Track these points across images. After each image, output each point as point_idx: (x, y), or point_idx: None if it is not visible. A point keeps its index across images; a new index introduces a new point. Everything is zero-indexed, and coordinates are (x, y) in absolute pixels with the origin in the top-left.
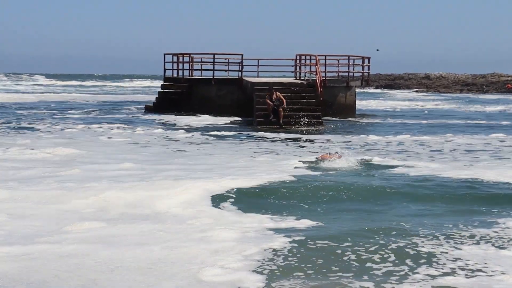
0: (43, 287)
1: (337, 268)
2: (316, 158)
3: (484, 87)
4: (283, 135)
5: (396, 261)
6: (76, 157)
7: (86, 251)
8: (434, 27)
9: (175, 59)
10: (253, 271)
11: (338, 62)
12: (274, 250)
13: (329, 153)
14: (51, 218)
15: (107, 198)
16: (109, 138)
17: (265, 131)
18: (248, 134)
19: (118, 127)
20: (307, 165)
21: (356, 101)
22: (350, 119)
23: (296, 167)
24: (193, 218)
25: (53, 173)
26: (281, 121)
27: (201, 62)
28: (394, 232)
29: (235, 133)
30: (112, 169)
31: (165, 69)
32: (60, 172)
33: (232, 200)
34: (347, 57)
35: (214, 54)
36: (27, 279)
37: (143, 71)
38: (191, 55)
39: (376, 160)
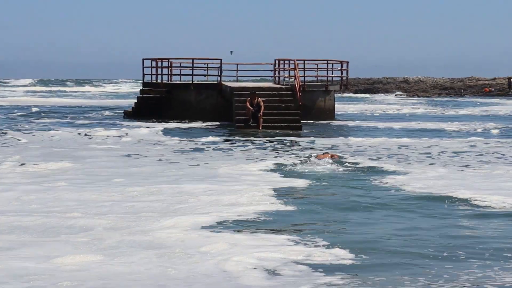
0: None
1: None
2: (311, 155)
3: (462, 90)
4: (263, 139)
5: None
6: (68, 170)
7: None
8: (413, 31)
9: (154, 64)
10: None
11: (317, 66)
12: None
13: (326, 153)
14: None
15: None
16: (97, 145)
17: (245, 135)
18: (228, 139)
19: (103, 136)
20: (303, 168)
21: (336, 105)
22: (329, 122)
23: (291, 172)
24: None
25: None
26: (260, 127)
27: (180, 67)
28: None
29: (218, 138)
30: (105, 190)
31: (143, 74)
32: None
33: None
34: (325, 62)
35: (193, 59)
36: None
37: (125, 75)
38: (170, 60)
39: (369, 163)
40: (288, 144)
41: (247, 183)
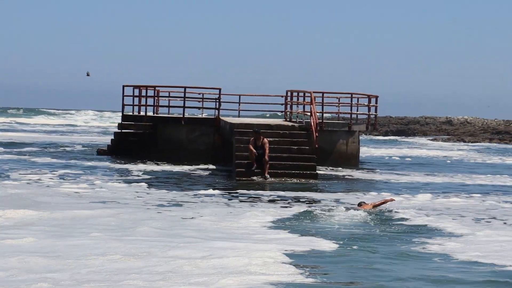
0: None
1: None
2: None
3: None
4: (271, 193)
5: None
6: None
7: None
8: (457, 62)
9: (136, 92)
10: None
11: (339, 101)
12: None
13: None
14: None
15: None
16: (67, 194)
17: (247, 186)
18: (225, 192)
19: (74, 180)
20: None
21: (360, 149)
22: (353, 172)
23: None
24: None
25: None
26: (266, 174)
27: (169, 97)
28: None
29: (211, 191)
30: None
31: (123, 105)
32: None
33: None
34: (350, 95)
35: (185, 87)
36: None
37: (99, 105)
38: (157, 88)
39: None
40: (307, 202)
41: (255, 243)
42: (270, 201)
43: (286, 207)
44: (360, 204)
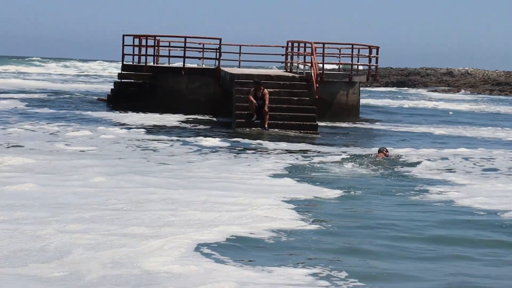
0: None
1: None
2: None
3: None
4: (271, 144)
5: None
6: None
7: None
8: (458, 13)
9: (136, 42)
10: None
11: (339, 52)
12: None
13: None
14: None
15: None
16: (67, 145)
17: (247, 136)
18: (225, 142)
19: (74, 129)
20: None
21: (360, 101)
22: (354, 124)
23: None
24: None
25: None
26: (266, 125)
27: (169, 47)
28: None
29: (210, 141)
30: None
31: (123, 54)
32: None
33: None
34: (350, 46)
35: (185, 37)
36: None
37: (98, 55)
38: (157, 38)
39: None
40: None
41: (255, 192)
42: (270, 151)
43: (285, 159)
44: (380, 151)
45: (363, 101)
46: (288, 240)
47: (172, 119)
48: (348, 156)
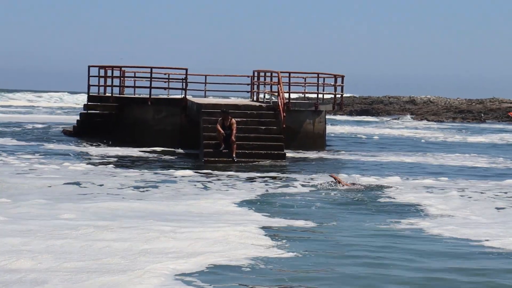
0: None
1: None
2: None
3: (482, 114)
4: (240, 174)
5: None
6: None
7: None
8: (420, 43)
9: (102, 73)
10: None
11: (305, 81)
12: None
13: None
14: None
15: None
16: (37, 175)
17: (215, 168)
18: (193, 173)
19: (41, 162)
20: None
21: (327, 128)
22: (321, 153)
23: None
24: None
25: None
26: (234, 154)
27: (135, 77)
28: None
29: (179, 173)
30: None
31: (89, 85)
32: None
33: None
34: (316, 75)
35: (151, 67)
36: None
37: (63, 86)
38: (123, 69)
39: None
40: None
41: (230, 222)
42: (240, 181)
43: (254, 188)
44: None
45: (328, 128)
46: (266, 267)
47: (139, 151)
48: (317, 184)
